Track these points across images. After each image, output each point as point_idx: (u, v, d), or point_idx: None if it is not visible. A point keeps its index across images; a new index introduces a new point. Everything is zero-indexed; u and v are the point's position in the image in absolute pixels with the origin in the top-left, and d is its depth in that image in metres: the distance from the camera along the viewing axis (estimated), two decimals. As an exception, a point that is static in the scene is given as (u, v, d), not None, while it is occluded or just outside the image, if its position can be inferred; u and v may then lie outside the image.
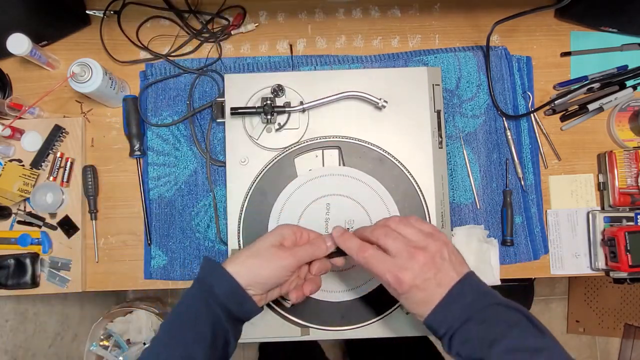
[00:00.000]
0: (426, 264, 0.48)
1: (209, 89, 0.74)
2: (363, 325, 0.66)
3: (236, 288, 0.49)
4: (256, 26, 0.77)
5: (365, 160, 0.68)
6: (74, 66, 0.65)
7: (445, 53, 0.74)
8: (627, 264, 0.67)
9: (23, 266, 0.72)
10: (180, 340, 0.48)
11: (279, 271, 0.51)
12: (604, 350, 1.57)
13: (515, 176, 0.73)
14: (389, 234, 0.50)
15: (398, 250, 0.49)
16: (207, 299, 0.49)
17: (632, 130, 0.75)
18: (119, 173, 0.75)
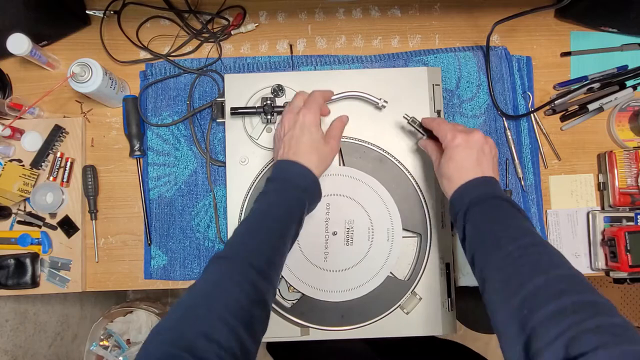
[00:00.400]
0: (478, 140, 0.57)
1: (209, 89, 0.74)
2: (363, 325, 0.66)
3: (316, 180, 0.59)
4: (256, 26, 0.77)
5: (365, 160, 0.68)
6: (74, 66, 0.65)
7: (445, 53, 0.74)
8: (627, 264, 0.67)
9: (23, 266, 0.72)
10: (276, 219, 0.55)
11: (333, 158, 0.63)
12: (604, 350, 1.56)
13: (515, 176, 0.73)
14: (452, 123, 0.61)
15: (461, 128, 0.59)
16: (295, 189, 0.57)
17: (632, 130, 0.75)
18: (119, 173, 0.75)
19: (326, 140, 0.61)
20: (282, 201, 0.56)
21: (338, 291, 0.66)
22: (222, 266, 0.50)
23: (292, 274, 0.66)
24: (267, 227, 0.54)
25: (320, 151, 0.60)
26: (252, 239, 0.53)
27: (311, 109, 0.60)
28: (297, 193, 0.57)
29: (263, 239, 0.53)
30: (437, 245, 0.67)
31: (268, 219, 0.55)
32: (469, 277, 0.70)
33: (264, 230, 0.54)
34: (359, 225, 0.66)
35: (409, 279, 0.67)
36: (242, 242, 0.53)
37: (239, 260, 0.50)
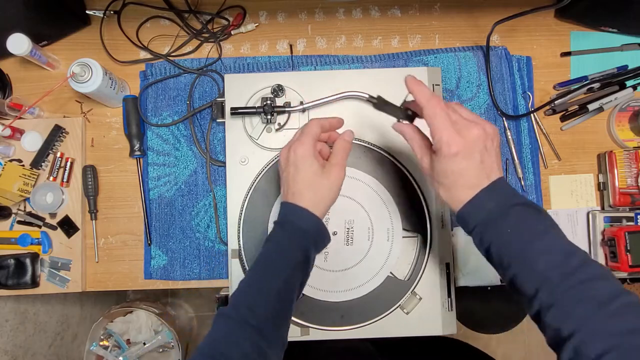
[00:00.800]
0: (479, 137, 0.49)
1: (209, 89, 0.74)
2: (363, 325, 0.66)
3: (318, 221, 0.55)
4: (256, 26, 0.77)
5: (365, 160, 0.68)
6: (74, 66, 0.65)
7: (445, 53, 0.74)
8: (627, 264, 0.67)
9: (23, 266, 0.72)
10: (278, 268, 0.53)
11: (339, 187, 0.57)
12: (604, 350, 1.57)
13: (515, 176, 0.73)
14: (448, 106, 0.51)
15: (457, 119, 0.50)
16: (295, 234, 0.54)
17: (632, 130, 0.75)
18: (119, 173, 0.75)
19: (327, 170, 0.56)
20: (284, 249, 0.54)
21: (338, 291, 0.66)
22: (223, 324, 0.50)
23: (292, 274, 0.66)
24: (268, 282, 0.52)
25: (318, 186, 0.55)
26: (253, 296, 0.52)
27: (302, 141, 0.56)
28: (298, 238, 0.54)
29: (264, 294, 0.51)
30: (437, 245, 0.67)
31: (269, 272, 0.53)
32: (469, 277, 0.70)
33: (265, 285, 0.52)
34: (359, 225, 0.66)
35: (409, 279, 0.67)
36: (243, 299, 0.52)
37: (239, 320, 0.49)
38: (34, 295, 0.78)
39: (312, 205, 0.55)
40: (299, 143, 0.56)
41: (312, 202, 0.55)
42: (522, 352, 1.57)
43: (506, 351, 1.56)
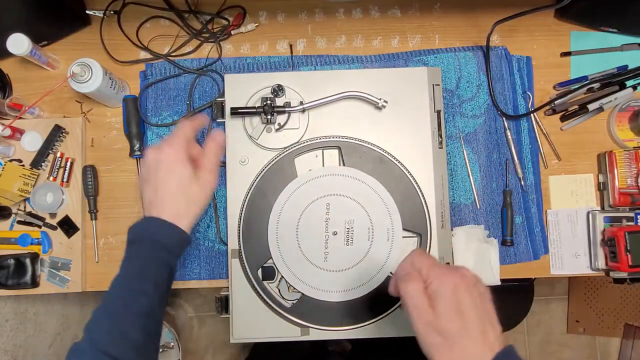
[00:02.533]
0: (453, 297, 0.41)
1: (209, 89, 0.74)
2: (363, 325, 0.66)
3: (184, 237, 0.53)
4: (256, 26, 0.77)
5: (365, 160, 0.68)
6: (74, 66, 0.65)
7: (445, 53, 0.74)
8: (627, 264, 0.67)
9: (23, 266, 0.72)
10: (141, 289, 0.49)
11: (210, 196, 0.55)
12: (604, 350, 1.57)
13: (515, 176, 0.73)
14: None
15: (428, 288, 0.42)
16: (157, 251, 0.51)
17: (632, 130, 0.75)
18: (119, 173, 0.75)
19: (198, 176, 0.53)
20: (145, 269, 0.50)
21: (338, 291, 0.66)
22: (78, 358, 0.46)
23: (292, 274, 0.66)
24: (126, 306, 0.48)
25: (189, 193, 0.52)
26: (109, 323, 0.47)
27: (172, 144, 0.52)
28: (160, 256, 0.51)
29: (122, 321, 0.47)
30: (437, 245, 0.67)
31: (127, 296, 0.49)
32: (469, 277, 0.70)
33: (122, 310, 0.48)
34: (359, 225, 0.66)
35: (409, 279, 0.66)
36: (100, 329, 0.47)
37: (96, 353, 0.45)
38: (34, 295, 0.78)
39: (181, 214, 0.51)
40: (168, 145, 0.52)
41: (182, 211, 0.51)
42: (522, 352, 1.57)
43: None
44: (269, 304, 0.65)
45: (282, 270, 0.66)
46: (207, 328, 1.53)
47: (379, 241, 0.66)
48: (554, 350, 1.56)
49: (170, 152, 0.52)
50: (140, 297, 0.49)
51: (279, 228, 0.66)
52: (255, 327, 0.66)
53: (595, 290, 1.55)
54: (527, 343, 1.57)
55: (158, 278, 0.50)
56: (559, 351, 1.56)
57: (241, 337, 0.66)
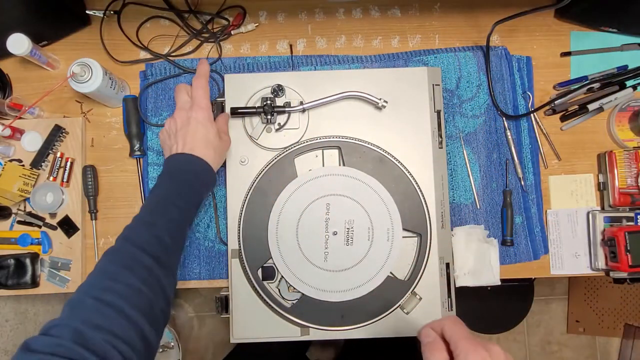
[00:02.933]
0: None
1: (209, 89, 0.74)
2: (363, 325, 0.66)
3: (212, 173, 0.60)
4: (256, 26, 0.77)
5: (365, 160, 0.68)
6: (74, 66, 0.65)
7: (445, 53, 0.74)
8: (627, 264, 0.67)
9: (23, 266, 0.72)
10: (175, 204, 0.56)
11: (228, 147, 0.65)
12: (604, 350, 1.57)
13: (515, 176, 0.73)
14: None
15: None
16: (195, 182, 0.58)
17: (632, 130, 0.75)
18: (119, 173, 0.75)
19: (220, 135, 0.62)
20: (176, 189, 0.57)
21: (338, 291, 0.66)
22: (112, 255, 0.50)
23: (292, 274, 0.66)
24: (164, 216, 0.54)
25: (216, 146, 0.61)
26: (148, 227, 0.53)
27: (202, 105, 0.61)
28: (192, 183, 0.58)
29: (161, 226, 0.53)
30: (437, 245, 0.67)
31: (165, 208, 0.55)
32: (469, 277, 0.70)
33: (156, 218, 0.54)
34: (359, 225, 0.66)
35: (409, 279, 0.67)
36: (136, 231, 0.52)
37: (132, 248, 0.50)
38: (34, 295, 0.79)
39: (212, 160, 0.59)
40: (198, 107, 0.60)
41: (212, 158, 0.59)
42: (522, 352, 1.57)
43: (506, 351, 1.56)
44: (269, 304, 0.65)
45: (282, 270, 0.66)
46: (207, 328, 1.53)
47: (379, 241, 0.66)
48: (554, 350, 1.56)
49: (201, 112, 0.60)
50: (172, 209, 0.55)
51: (279, 228, 0.66)
52: (255, 327, 0.66)
53: (595, 290, 1.55)
54: (527, 343, 1.57)
55: (189, 198, 0.57)
56: (559, 351, 1.56)
57: (241, 337, 0.66)
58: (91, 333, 0.41)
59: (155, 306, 0.48)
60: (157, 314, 0.48)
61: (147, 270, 0.49)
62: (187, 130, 0.59)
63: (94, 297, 0.45)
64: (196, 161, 0.58)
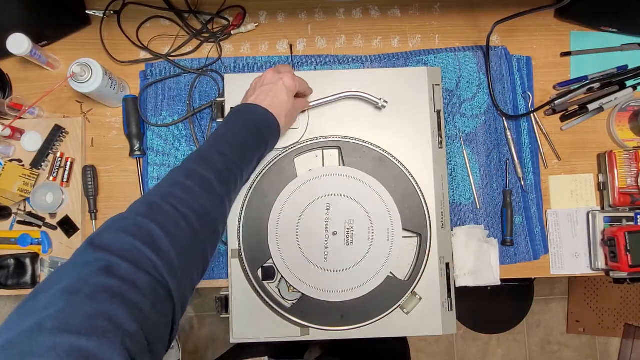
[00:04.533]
0: None
1: (209, 89, 0.74)
2: (363, 325, 0.66)
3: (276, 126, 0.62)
4: (256, 26, 0.77)
5: (365, 160, 0.68)
6: (74, 66, 0.65)
7: (445, 53, 0.74)
8: (627, 264, 0.67)
9: (23, 266, 0.72)
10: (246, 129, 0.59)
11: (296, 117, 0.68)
12: (604, 350, 1.57)
13: (515, 176, 0.73)
14: None
15: None
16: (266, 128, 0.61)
17: (632, 130, 0.75)
18: (119, 173, 0.75)
19: (294, 106, 0.64)
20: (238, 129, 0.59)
21: (338, 291, 0.66)
22: (189, 172, 0.52)
23: (292, 274, 0.66)
24: (236, 150, 0.57)
25: (288, 112, 0.63)
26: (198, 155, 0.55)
27: (293, 78, 0.63)
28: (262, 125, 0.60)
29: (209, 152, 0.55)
30: (437, 245, 0.67)
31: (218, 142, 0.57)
32: (469, 277, 0.70)
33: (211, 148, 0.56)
34: (359, 225, 0.66)
35: (409, 279, 0.67)
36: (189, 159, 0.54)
37: (208, 173, 0.52)
38: (34, 295, 0.78)
39: (282, 122, 0.62)
40: (291, 77, 0.63)
41: (283, 122, 0.62)
42: (522, 352, 1.57)
43: (506, 351, 1.57)
44: (269, 304, 0.65)
45: (282, 270, 0.66)
46: (207, 328, 1.53)
47: (379, 241, 0.66)
48: (554, 350, 1.56)
49: (290, 81, 0.62)
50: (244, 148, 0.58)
51: (279, 228, 0.66)
52: (255, 327, 0.66)
53: (595, 290, 1.55)
54: (527, 343, 1.57)
55: (248, 140, 0.59)
56: (559, 351, 1.56)
57: (241, 337, 0.66)
58: (164, 241, 0.43)
59: (218, 230, 0.52)
60: (217, 237, 0.53)
61: (220, 198, 0.52)
62: (271, 88, 0.62)
63: (172, 205, 0.47)
64: (270, 117, 0.61)
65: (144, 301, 0.37)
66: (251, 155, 0.59)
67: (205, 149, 0.56)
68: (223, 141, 0.57)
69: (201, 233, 0.48)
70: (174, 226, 0.45)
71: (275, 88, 0.62)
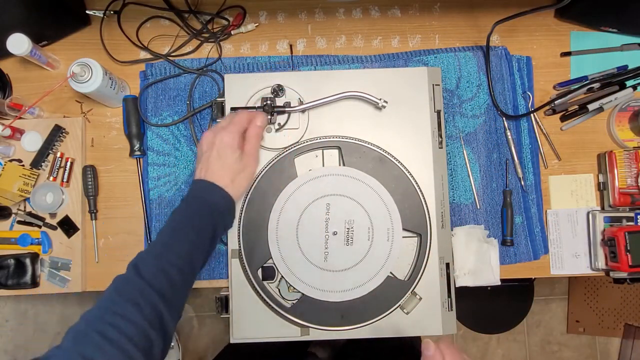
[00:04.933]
0: None
1: (209, 89, 0.74)
2: (363, 325, 0.66)
3: (231, 200, 0.60)
4: (256, 26, 0.77)
5: (365, 160, 0.68)
6: (74, 66, 0.65)
7: (445, 53, 0.74)
8: (627, 264, 0.67)
9: (23, 266, 0.72)
10: (187, 236, 0.56)
11: (253, 176, 0.64)
12: (604, 350, 1.57)
13: (515, 176, 0.73)
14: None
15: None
16: (205, 209, 0.58)
17: (632, 130, 0.75)
18: (119, 173, 0.75)
19: (243, 159, 0.61)
20: (193, 221, 0.57)
21: (338, 291, 0.66)
22: (121, 285, 0.50)
23: (292, 274, 0.66)
24: (174, 250, 0.54)
25: (235, 172, 0.60)
26: (159, 261, 0.52)
27: (230, 131, 0.60)
28: (209, 213, 0.58)
29: (170, 261, 0.52)
30: (437, 245, 0.67)
31: (176, 240, 0.55)
32: (469, 277, 0.70)
33: (166, 251, 0.53)
34: (359, 225, 0.66)
35: (409, 279, 0.67)
36: (148, 263, 0.52)
37: (140, 281, 0.50)
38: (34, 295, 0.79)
39: (227, 185, 0.59)
40: (227, 132, 0.60)
41: (228, 183, 0.59)
42: (522, 352, 1.57)
43: (506, 351, 1.57)
44: (269, 304, 0.65)
45: (282, 270, 0.66)
46: (207, 328, 1.53)
47: (379, 241, 0.66)
48: (554, 350, 1.56)
49: (225, 137, 0.60)
50: (183, 241, 0.55)
51: (279, 228, 0.66)
52: (255, 327, 0.66)
53: (595, 290, 1.55)
54: (527, 343, 1.57)
55: (201, 231, 0.56)
56: (559, 351, 1.56)
57: (241, 337, 0.66)
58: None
59: (155, 347, 0.48)
60: (156, 354, 0.48)
61: (153, 307, 0.49)
62: (208, 156, 0.60)
63: (99, 332, 0.45)
64: (213, 189, 0.58)
65: None
66: (195, 247, 0.56)
67: (151, 265, 0.52)
68: (167, 253, 0.54)
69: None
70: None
71: (212, 154, 0.59)
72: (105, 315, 0.47)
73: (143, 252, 0.54)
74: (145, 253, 0.54)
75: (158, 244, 0.55)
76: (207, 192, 0.59)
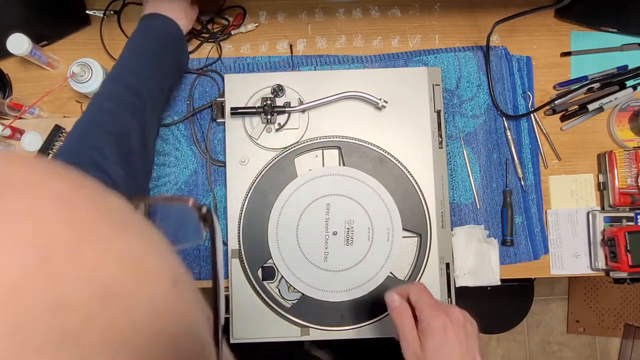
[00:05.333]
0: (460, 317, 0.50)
1: (209, 89, 0.74)
2: (363, 325, 0.66)
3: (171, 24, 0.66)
4: (256, 26, 0.77)
5: (365, 160, 0.68)
6: (74, 66, 0.65)
7: (445, 53, 0.74)
8: (627, 264, 0.67)
9: (23, 266, 0.71)
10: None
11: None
12: (604, 350, 1.57)
13: (515, 176, 0.73)
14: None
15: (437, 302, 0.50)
16: (163, 37, 0.65)
17: (632, 130, 0.75)
18: (119, 173, 0.75)
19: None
20: (151, 39, 0.64)
21: (338, 291, 0.66)
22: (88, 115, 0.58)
23: (292, 274, 0.66)
24: (140, 50, 0.63)
25: (185, 7, 0.66)
26: (130, 63, 0.61)
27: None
28: (163, 31, 0.65)
29: (140, 60, 0.61)
30: (437, 245, 0.67)
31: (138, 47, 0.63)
32: (469, 277, 0.70)
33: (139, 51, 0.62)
34: (359, 225, 0.66)
35: (409, 279, 0.67)
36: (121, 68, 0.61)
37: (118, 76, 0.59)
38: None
39: (180, 20, 0.66)
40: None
41: (182, 18, 0.66)
42: (522, 352, 1.57)
43: (506, 351, 1.57)
44: (269, 304, 0.65)
45: (282, 270, 0.66)
46: (207, 328, 1.53)
47: (379, 241, 0.66)
48: (554, 350, 1.56)
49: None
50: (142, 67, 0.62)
51: (279, 228, 0.66)
52: (255, 327, 0.66)
53: (595, 290, 1.55)
54: (527, 343, 1.57)
55: (149, 44, 0.64)
56: (559, 351, 1.56)
57: (241, 337, 0.66)
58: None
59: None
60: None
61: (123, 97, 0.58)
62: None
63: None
64: (170, 27, 0.65)
65: None
66: (161, 70, 0.63)
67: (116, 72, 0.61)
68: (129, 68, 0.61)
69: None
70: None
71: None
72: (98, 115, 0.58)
73: (115, 67, 0.61)
74: (117, 65, 0.61)
75: (125, 56, 0.62)
76: (160, 22, 0.64)
